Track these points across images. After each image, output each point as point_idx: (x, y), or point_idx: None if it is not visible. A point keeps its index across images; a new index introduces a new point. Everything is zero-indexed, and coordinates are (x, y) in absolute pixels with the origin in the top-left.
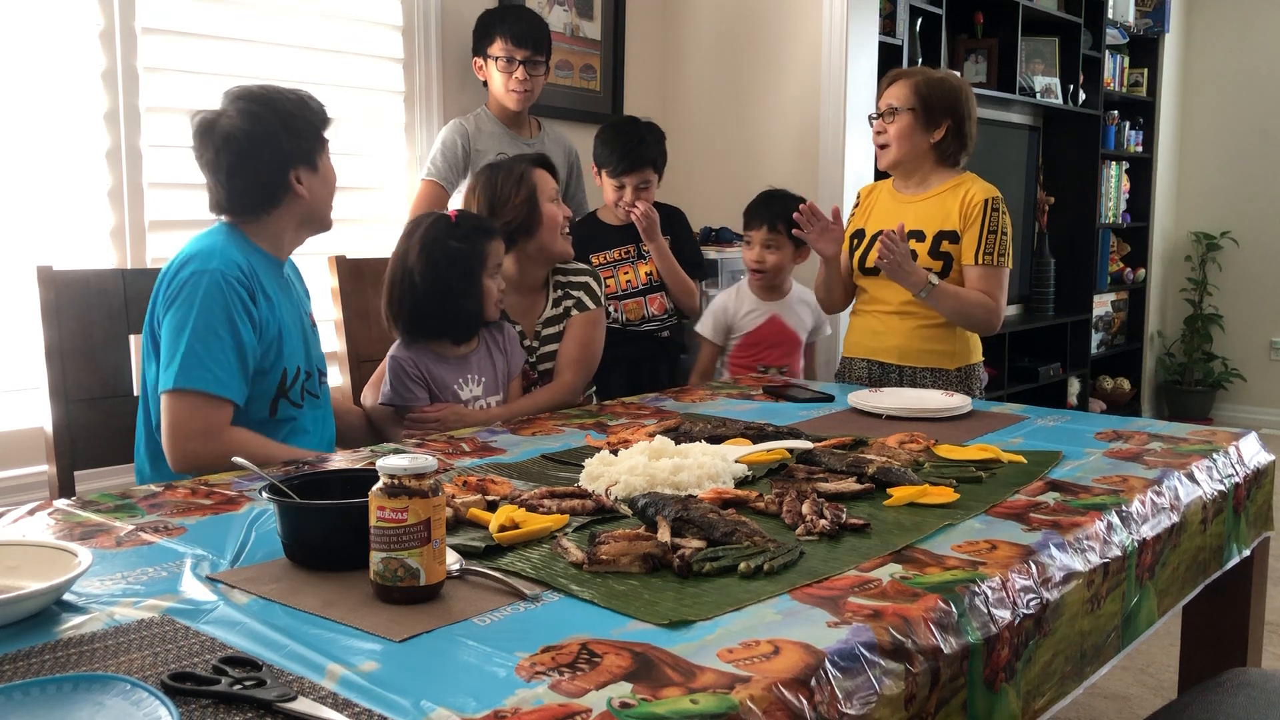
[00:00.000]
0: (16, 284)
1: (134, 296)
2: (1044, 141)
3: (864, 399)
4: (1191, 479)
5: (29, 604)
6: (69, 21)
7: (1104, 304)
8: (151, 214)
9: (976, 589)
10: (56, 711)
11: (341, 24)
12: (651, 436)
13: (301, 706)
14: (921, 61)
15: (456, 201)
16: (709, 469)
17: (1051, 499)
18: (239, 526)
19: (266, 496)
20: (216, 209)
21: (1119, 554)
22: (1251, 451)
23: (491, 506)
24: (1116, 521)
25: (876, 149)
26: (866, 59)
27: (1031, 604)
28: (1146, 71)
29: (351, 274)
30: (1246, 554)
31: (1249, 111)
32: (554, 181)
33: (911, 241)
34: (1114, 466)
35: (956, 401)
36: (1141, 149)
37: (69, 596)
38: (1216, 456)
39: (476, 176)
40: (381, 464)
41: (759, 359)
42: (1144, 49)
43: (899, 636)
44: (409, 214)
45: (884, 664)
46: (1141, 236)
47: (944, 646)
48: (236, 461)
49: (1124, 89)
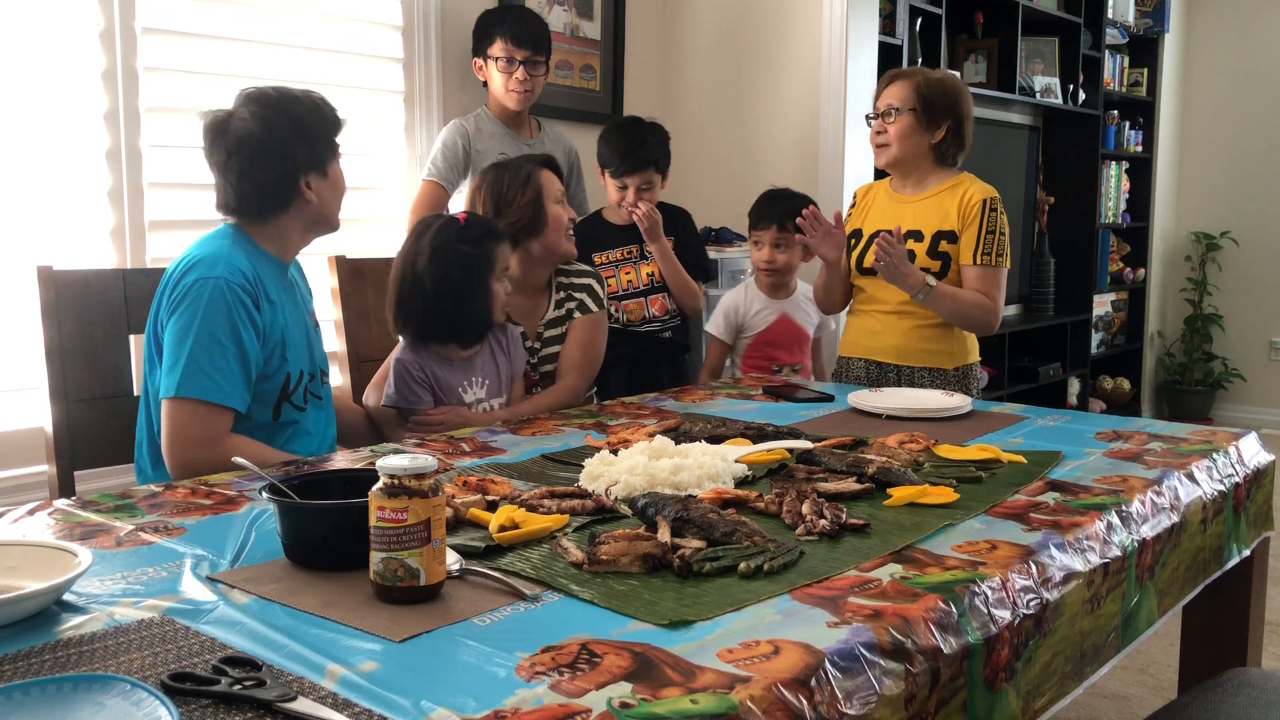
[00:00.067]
0: (16, 284)
1: (134, 296)
2: (1044, 141)
3: (864, 399)
4: (1191, 479)
5: (29, 604)
6: (69, 21)
7: (1104, 304)
8: (151, 214)
9: (976, 589)
10: (56, 711)
11: (341, 24)
12: (651, 436)
13: (301, 706)
14: (921, 61)
15: (457, 201)
16: (709, 469)
17: (1051, 499)
18: (239, 526)
19: (266, 496)
20: (224, 209)
21: (1119, 554)
22: (1251, 451)
23: (491, 506)
24: (1116, 521)
25: (874, 148)
26: (866, 59)
27: (1031, 604)
28: (1146, 71)
29: (351, 274)
30: (1246, 554)
31: (1249, 111)
32: (559, 183)
33: (910, 241)
34: (1114, 466)
35: (956, 401)
36: (1141, 149)
37: (69, 596)
38: (1216, 456)
39: (482, 176)
40: (381, 464)
41: (773, 358)
42: (1144, 49)
43: (899, 636)
44: (409, 214)
45: (884, 664)
46: (1141, 236)
47: (944, 646)
48: (236, 461)
49: (1124, 89)
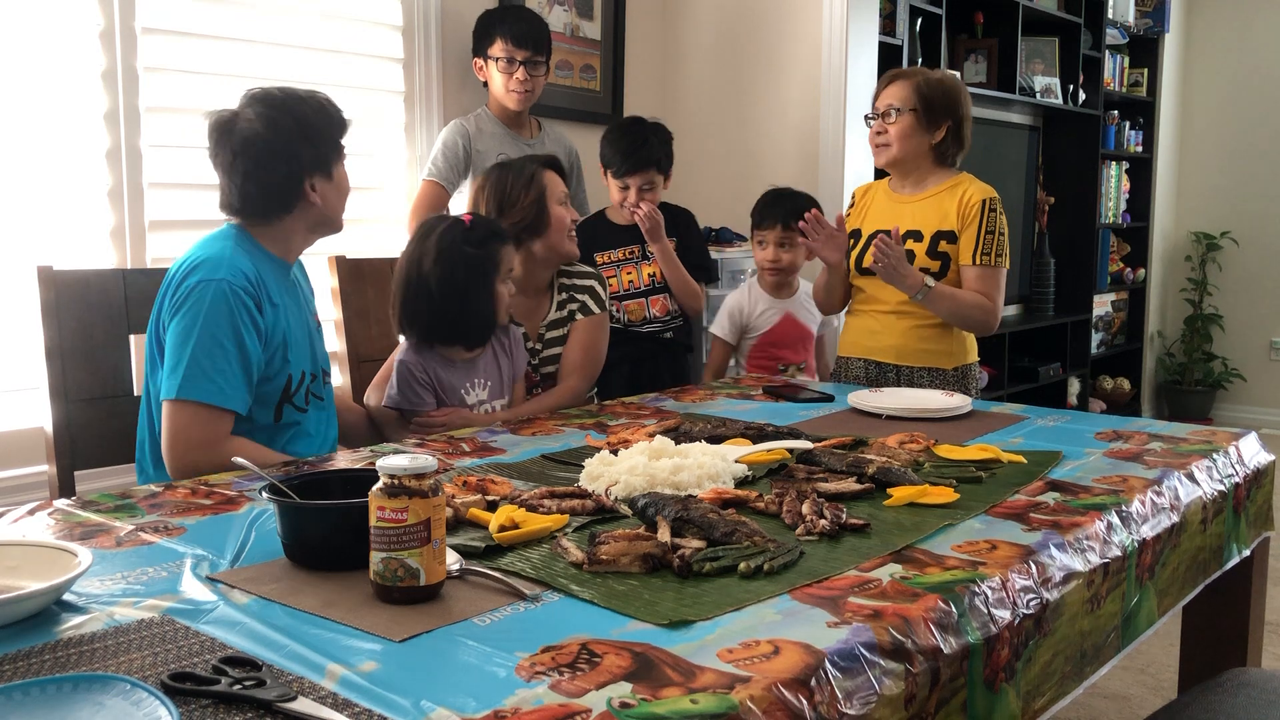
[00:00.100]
0: (16, 284)
1: (134, 296)
2: (1044, 141)
3: (864, 399)
4: (1191, 479)
5: (29, 604)
6: (69, 21)
7: (1104, 304)
8: (151, 214)
9: (976, 589)
10: (56, 711)
11: (341, 24)
12: (651, 436)
13: (301, 706)
14: (921, 61)
15: (457, 201)
16: (709, 469)
17: (1051, 499)
18: (239, 526)
19: (266, 496)
20: (227, 209)
21: (1119, 554)
22: (1251, 451)
23: (491, 506)
24: (1116, 521)
25: (874, 148)
26: (866, 59)
27: (1031, 604)
28: (1146, 71)
29: (351, 274)
30: (1246, 554)
31: (1249, 111)
32: (563, 184)
33: (909, 241)
34: (1114, 466)
35: (956, 401)
36: (1141, 149)
37: (69, 596)
38: (1216, 456)
39: (486, 175)
40: (381, 464)
41: (779, 358)
42: (1144, 49)
43: (899, 636)
44: (409, 214)
45: (884, 664)
46: (1141, 236)
47: (944, 646)
48: (236, 461)
49: (1124, 89)
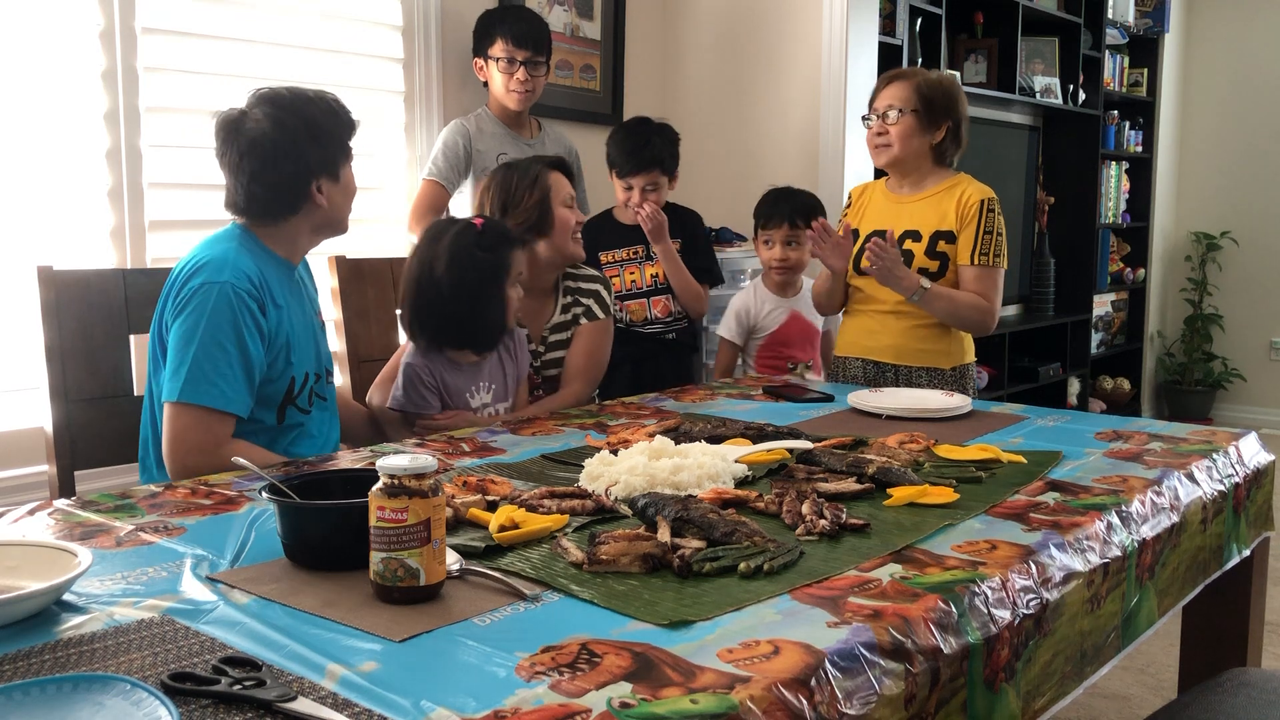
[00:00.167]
0: (16, 284)
1: (134, 296)
2: (1044, 141)
3: (864, 399)
4: (1191, 479)
5: (29, 604)
6: (69, 21)
7: (1104, 304)
8: (151, 214)
9: (976, 589)
10: (56, 711)
11: (341, 24)
12: (651, 436)
13: (301, 706)
14: (921, 61)
15: (458, 201)
16: (709, 469)
17: (1051, 499)
18: (239, 526)
19: (266, 497)
20: (232, 209)
21: (1119, 554)
22: (1251, 451)
23: (491, 506)
24: (1116, 521)
25: (873, 148)
26: (866, 59)
27: (1031, 604)
28: (1146, 71)
29: (352, 274)
30: (1246, 554)
31: (1249, 111)
32: (569, 185)
33: (908, 241)
34: (1114, 466)
35: (956, 401)
36: (1141, 149)
37: (69, 596)
38: (1216, 456)
39: (491, 175)
40: (381, 464)
41: (788, 356)
42: (1144, 49)
43: (899, 636)
44: (409, 214)
45: (884, 664)
46: (1141, 236)
47: (944, 646)
48: (236, 461)
49: (1124, 89)
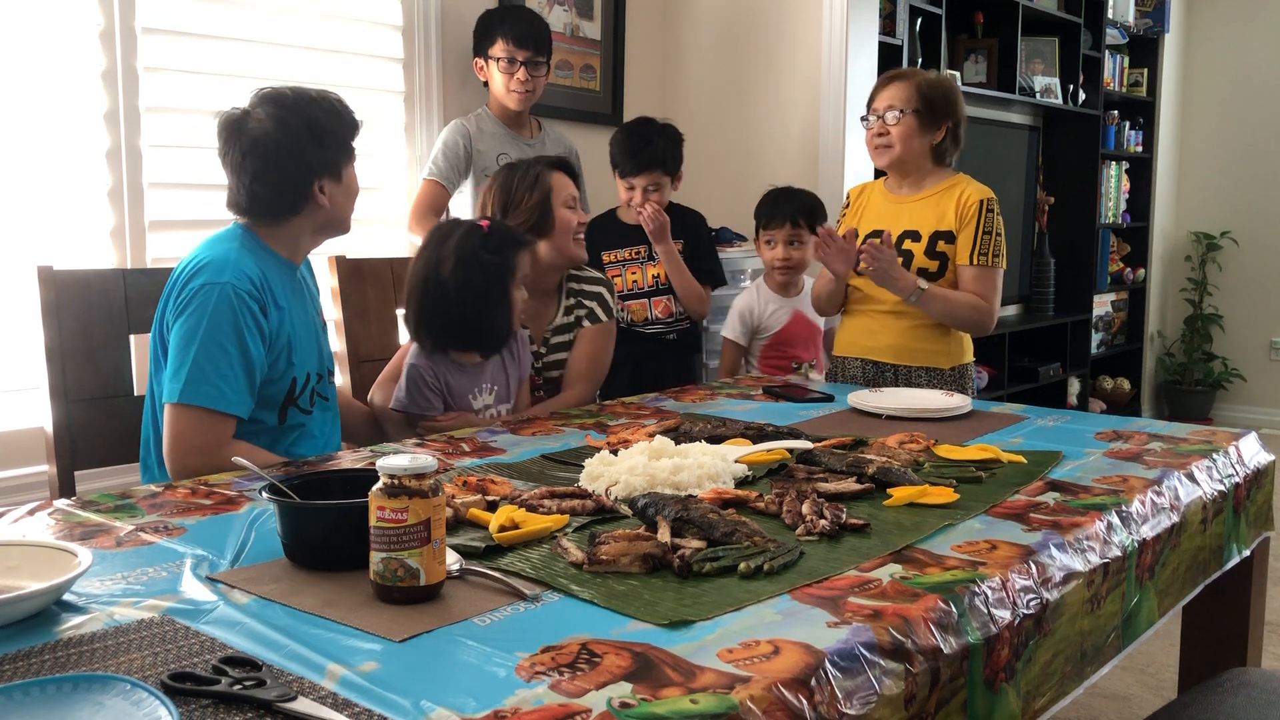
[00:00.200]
0: (16, 284)
1: (134, 296)
2: (1044, 141)
3: (864, 399)
4: (1191, 479)
5: (29, 604)
6: (69, 21)
7: (1104, 304)
8: (151, 214)
9: (976, 589)
10: (56, 711)
11: (341, 24)
12: (651, 436)
13: (301, 706)
14: (921, 61)
15: (458, 201)
16: (709, 469)
17: (1051, 499)
18: (239, 526)
19: (266, 497)
20: (235, 209)
21: (1119, 554)
22: (1251, 451)
23: (491, 506)
24: (1116, 521)
25: (874, 149)
26: (866, 59)
27: (1031, 604)
28: (1146, 71)
29: (352, 274)
30: (1246, 554)
31: (1249, 111)
32: (573, 186)
33: (907, 241)
34: (1114, 466)
35: (956, 401)
36: (1141, 149)
37: (69, 596)
38: (1216, 456)
39: (494, 176)
40: (381, 464)
41: (792, 356)
42: (1144, 49)
43: (899, 636)
44: (409, 214)
45: (884, 664)
46: (1141, 236)
47: (944, 646)
48: (236, 461)
49: (1124, 89)
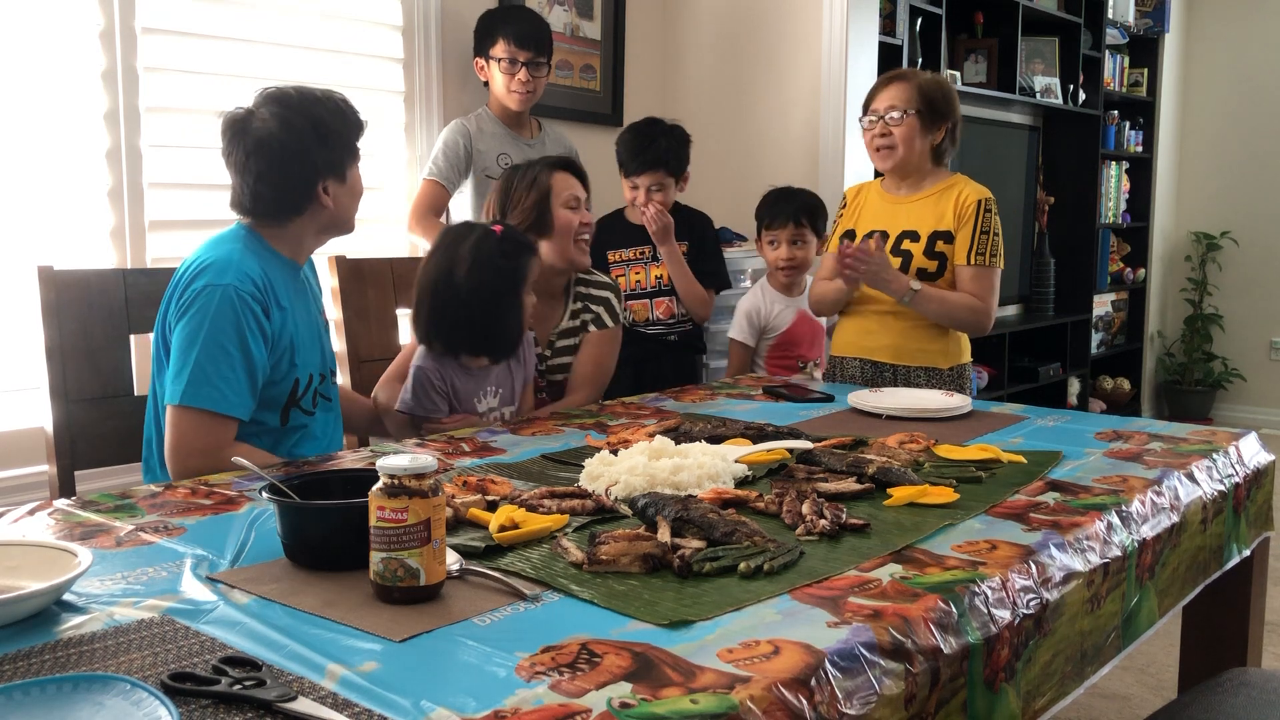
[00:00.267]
0: (16, 284)
1: (134, 296)
2: (1044, 141)
3: (864, 399)
4: (1191, 479)
5: (29, 604)
6: (69, 21)
7: (1104, 304)
8: (151, 214)
9: (976, 589)
10: (56, 711)
11: (341, 24)
12: (651, 436)
13: (301, 706)
14: (922, 61)
15: (458, 201)
16: (709, 469)
17: (1051, 499)
18: (239, 526)
19: (266, 497)
20: (238, 209)
21: (1119, 554)
22: (1251, 451)
23: (491, 506)
24: (1116, 521)
25: (875, 150)
26: (866, 59)
27: (1031, 604)
28: (1146, 71)
29: (352, 274)
30: (1246, 554)
31: (1249, 111)
32: (577, 187)
33: (906, 242)
34: (1114, 466)
35: (956, 401)
36: (1141, 149)
37: (69, 596)
38: (1216, 456)
39: (501, 176)
40: (381, 464)
41: (799, 355)
42: (1144, 49)
43: (899, 636)
44: (409, 214)
45: (884, 664)
46: (1141, 236)
47: (944, 646)
48: (236, 461)
49: (1124, 89)
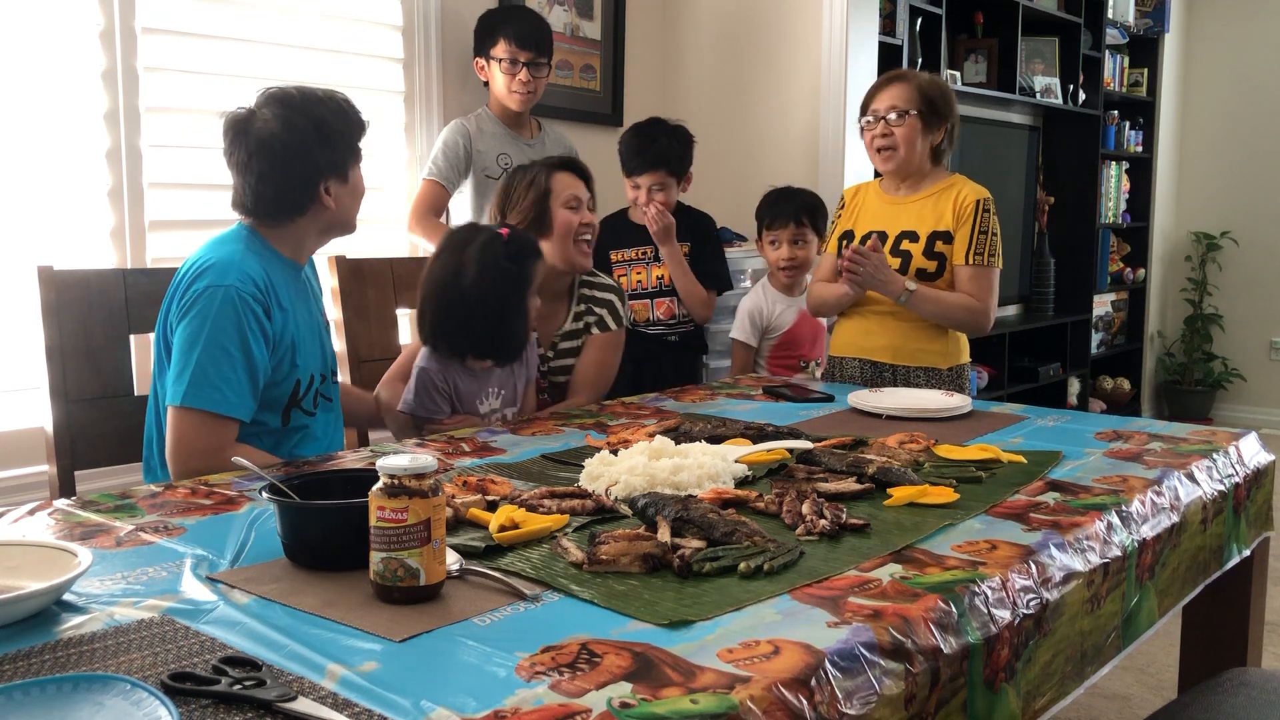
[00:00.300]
0: (16, 284)
1: (134, 297)
2: (1044, 141)
3: (864, 399)
4: (1191, 479)
5: (29, 604)
6: (69, 21)
7: (1104, 304)
8: (151, 214)
9: (976, 589)
10: (56, 711)
11: (341, 24)
12: (651, 436)
13: (301, 706)
14: (922, 61)
15: (457, 201)
16: (709, 469)
17: (1051, 499)
18: (239, 526)
19: (266, 497)
20: (240, 209)
21: (1119, 554)
22: (1251, 451)
23: (491, 506)
24: (1116, 521)
25: (876, 151)
26: (866, 59)
27: (1031, 604)
28: (1146, 71)
29: (352, 274)
30: (1246, 554)
31: (1249, 111)
32: (579, 187)
33: (905, 242)
34: (1114, 466)
35: (956, 401)
36: (1141, 149)
37: (69, 596)
38: (1216, 456)
39: (505, 176)
40: (381, 464)
41: (800, 355)
42: (1144, 49)
43: (899, 636)
44: (409, 213)
45: (884, 664)
46: (1141, 236)
47: (944, 646)
48: (236, 461)
49: (1124, 89)
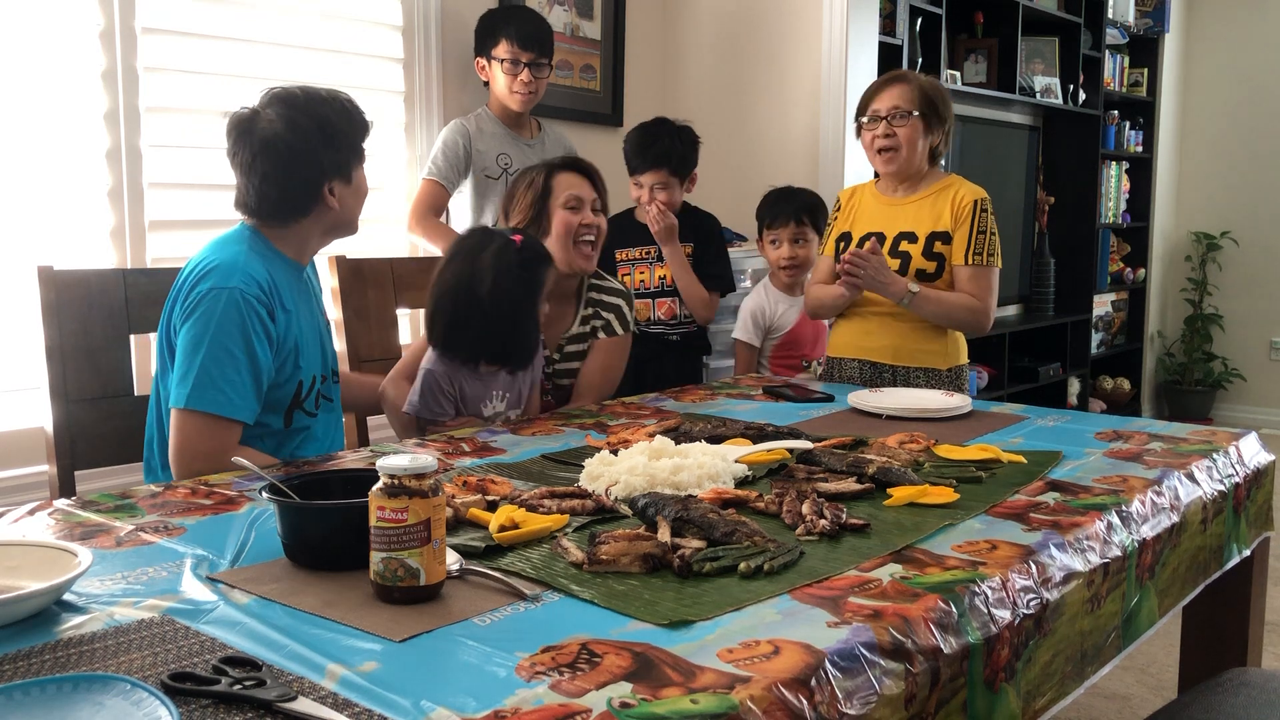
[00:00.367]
0: (16, 284)
1: (134, 297)
2: (1044, 141)
3: (864, 399)
4: (1191, 479)
5: (29, 604)
6: (69, 21)
7: (1104, 304)
8: (151, 214)
9: (976, 589)
10: (56, 711)
11: (341, 24)
12: (651, 436)
13: (301, 706)
14: (921, 61)
15: (457, 201)
16: (709, 469)
17: (1051, 499)
18: (239, 526)
19: (266, 497)
20: (242, 209)
21: (1119, 554)
22: (1251, 451)
23: (491, 506)
24: (1116, 521)
25: (878, 152)
26: (866, 59)
27: (1031, 604)
28: (1146, 71)
29: (352, 274)
30: (1246, 554)
31: (1249, 111)
32: (583, 187)
33: (904, 243)
34: (1114, 466)
35: (957, 401)
36: (1141, 149)
37: (69, 596)
38: (1216, 456)
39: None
40: (381, 464)
41: (802, 354)
42: (1144, 49)
43: (899, 636)
44: (409, 213)
45: (884, 664)
46: (1141, 236)
47: (944, 646)
48: (236, 461)
49: (1124, 89)
